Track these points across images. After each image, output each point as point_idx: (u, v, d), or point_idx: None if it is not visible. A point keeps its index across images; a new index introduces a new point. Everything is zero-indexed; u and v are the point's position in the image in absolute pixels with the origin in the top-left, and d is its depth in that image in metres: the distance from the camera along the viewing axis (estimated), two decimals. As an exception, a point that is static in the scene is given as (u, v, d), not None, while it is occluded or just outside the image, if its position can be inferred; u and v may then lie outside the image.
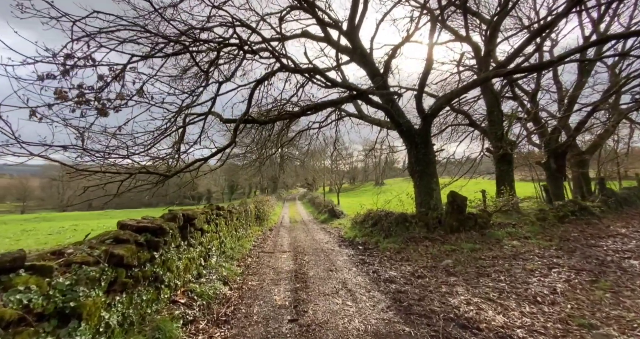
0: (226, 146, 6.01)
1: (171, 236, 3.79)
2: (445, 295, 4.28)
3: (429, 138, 8.20)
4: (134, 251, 2.80)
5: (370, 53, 8.06)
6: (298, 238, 10.46)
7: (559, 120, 11.43)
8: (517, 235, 6.73)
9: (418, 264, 6.01)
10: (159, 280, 3.29)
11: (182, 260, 4.12)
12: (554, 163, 12.57)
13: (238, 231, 8.60)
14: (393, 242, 7.67)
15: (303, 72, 6.00)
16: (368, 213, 10.36)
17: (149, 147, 4.76)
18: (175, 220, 4.10)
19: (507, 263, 5.39)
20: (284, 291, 4.75)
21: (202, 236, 5.15)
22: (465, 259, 5.87)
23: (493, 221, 7.62)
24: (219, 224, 6.51)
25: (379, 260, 6.67)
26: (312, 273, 5.81)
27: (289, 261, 6.84)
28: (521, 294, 4.10)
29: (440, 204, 8.22)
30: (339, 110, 11.79)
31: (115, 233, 2.88)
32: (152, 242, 3.23)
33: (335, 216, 16.23)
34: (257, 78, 6.07)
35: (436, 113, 8.00)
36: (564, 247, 5.92)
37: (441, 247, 6.73)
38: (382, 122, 10.85)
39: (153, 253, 3.21)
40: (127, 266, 2.70)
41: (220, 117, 6.22)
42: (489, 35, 10.36)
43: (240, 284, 5.07)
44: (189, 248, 4.46)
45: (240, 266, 6.35)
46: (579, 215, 7.82)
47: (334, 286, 4.91)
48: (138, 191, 6.20)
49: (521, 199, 11.02)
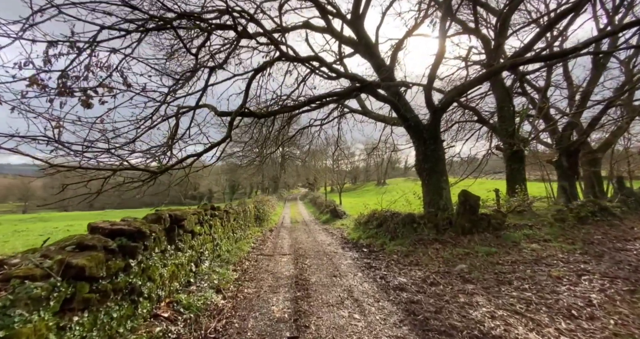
0: (221, 141, 5.53)
1: (154, 240, 3.32)
2: (465, 306, 3.79)
3: (439, 134, 7.71)
4: (101, 260, 2.33)
5: (375, 43, 7.58)
6: (299, 239, 9.98)
7: (573, 115, 10.90)
8: (536, 238, 6.22)
9: (429, 269, 5.52)
10: (136, 291, 2.82)
11: (168, 266, 3.65)
12: (566, 161, 12.03)
13: (236, 233, 8.13)
14: (400, 244, 7.19)
15: (304, 60, 5.53)
16: (372, 213, 9.88)
17: (133, 139, 4.28)
18: (160, 222, 3.63)
19: (529, 268, 4.89)
20: (283, 301, 4.27)
21: (193, 239, 4.68)
22: (481, 264, 5.38)
23: (508, 222, 7.12)
24: (214, 225, 6.04)
25: (385, 264, 6.20)
26: (315, 279, 5.33)
27: (290, 266, 6.37)
28: (552, 306, 3.61)
29: (450, 204, 7.73)
30: (342, 106, 11.32)
31: (79, 238, 2.42)
32: (127, 248, 2.76)
33: (338, 216, 15.75)
34: (255, 67, 5.59)
35: (446, 107, 7.51)
36: (590, 251, 5.42)
37: (453, 250, 6.24)
38: (387, 118, 10.36)
39: (129, 261, 2.74)
40: (91, 279, 2.24)
41: (215, 109, 5.76)
42: (499, 26, 9.86)
43: (235, 292, 4.59)
44: (177, 252, 3.99)
45: (236, 270, 5.88)
46: (600, 216, 7.31)
47: (338, 295, 4.42)
48: (126, 189, 5.75)
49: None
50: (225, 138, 5.59)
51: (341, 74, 5.98)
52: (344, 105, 11.36)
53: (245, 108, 5.87)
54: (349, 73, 6.57)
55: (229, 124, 5.51)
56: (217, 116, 5.99)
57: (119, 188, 5.49)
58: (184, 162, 5.64)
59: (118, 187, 5.27)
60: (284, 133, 11.64)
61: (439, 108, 7.14)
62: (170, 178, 6.57)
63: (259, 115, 5.95)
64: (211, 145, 5.49)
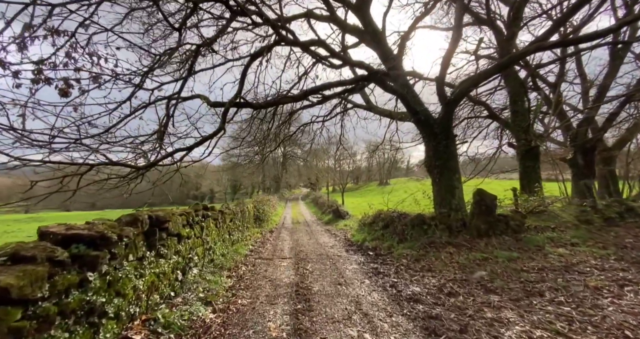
0: (213, 133, 5.00)
1: (126, 246, 2.78)
2: (494, 324, 3.23)
3: (451, 128, 7.13)
4: (41, 276, 1.80)
5: (382, 31, 7.03)
6: (300, 241, 9.44)
7: (589, 110, 10.29)
8: (562, 241, 5.64)
9: (444, 276, 4.97)
10: (97, 311, 2.28)
11: (146, 277, 3.11)
12: (582, 159, 11.41)
13: (232, 235, 7.59)
14: (409, 248, 6.64)
15: (305, 44, 4.98)
16: (378, 213, 9.32)
17: (107, 128, 3.74)
18: (137, 224, 3.09)
19: (560, 277, 4.32)
20: (282, 315, 3.72)
21: (180, 243, 4.14)
22: (502, 271, 4.81)
23: (527, 224, 6.54)
24: (207, 227, 5.51)
25: (395, 270, 5.65)
26: (317, 287, 4.78)
27: (290, 271, 5.82)
28: (599, 325, 3.04)
29: (463, 204, 7.16)
30: (345, 100, 10.77)
31: (16, 246, 1.89)
32: (85, 258, 2.23)
33: (340, 217, 15.20)
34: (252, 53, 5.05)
35: (459, 99, 6.94)
36: (626, 257, 4.84)
37: (469, 255, 5.67)
38: (394, 113, 9.80)
39: (87, 274, 2.21)
40: (24, 302, 1.71)
41: (207, 100, 5.23)
42: (512, 16, 9.29)
43: (227, 304, 4.05)
44: (159, 259, 3.46)
45: (231, 277, 5.34)
46: (627, 217, 6.72)
47: (345, 308, 3.87)
48: (110, 187, 5.23)
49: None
50: (218, 131, 5.06)
51: (347, 61, 5.43)
52: (347, 100, 10.82)
53: (241, 98, 5.32)
54: (354, 60, 6.01)
55: (222, 115, 4.99)
56: (211, 107, 5.45)
57: (103, 186, 4.98)
58: (173, 156, 5.12)
59: (97, 184, 4.73)
60: (285, 128, 11.11)
61: (451, 100, 6.56)
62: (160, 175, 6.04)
63: (256, 106, 5.41)
64: (202, 138, 4.96)
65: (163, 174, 5.17)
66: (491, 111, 10.62)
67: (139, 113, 4.30)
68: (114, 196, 6.28)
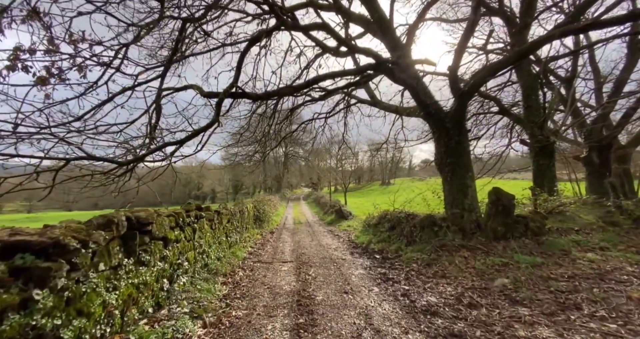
0: (207, 126, 4.54)
1: (94, 253, 2.33)
2: (530, 345, 2.75)
3: (464, 123, 6.65)
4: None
5: (390, 18, 6.55)
6: (302, 243, 8.97)
7: (606, 105, 9.77)
8: (589, 245, 5.14)
9: (461, 283, 4.49)
10: (47, 338, 1.82)
11: (122, 288, 2.66)
12: (597, 157, 10.88)
13: (230, 237, 7.13)
14: (419, 251, 6.16)
15: (307, 28, 4.52)
16: (384, 214, 8.84)
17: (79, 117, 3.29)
18: (111, 227, 2.63)
19: (596, 287, 3.82)
20: (281, 331, 3.25)
21: (167, 247, 3.69)
22: (527, 278, 4.31)
23: (548, 226, 6.05)
24: (200, 229, 5.05)
25: (405, 275, 5.18)
26: (321, 296, 4.31)
27: (291, 277, 5.36)
28: (658, 348, 2.56)
29: (477, 204, 6.67)
30: (349, 96, 10.29)
31: None
32: (34, 270, 1.78)
33: (343, 217, 14.71)
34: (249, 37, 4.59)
35: (474, 91, 6.44)
36: (666, 263, 4.34)
37: (486, 259, 5.18)
38: (400, 108, 9.31)
39: (31, 293, 1.75)
40: None
41: (201, 90, 4.78)
42: (526, 5, 8.81)
43: (219, 317, 3.58)
44: (139, 267, 3.00)
45: (226, 284, 4.89)
46: (655, 218, 6.21)
47: (353, 322, 3.40)
48: (96, 185, 4.78)
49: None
50: (212, 123, 4.60)
51: (353, 48, 4.96)
52: (351, 95, 10.34)
53: (238, 87, 4.86)
54: (361, 47, 5.55)
55: (216, 106, 4.53)
56: (204, 98, 4.99)
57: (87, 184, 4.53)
58: (164, 151, 4.67)
59: (80, 181, 4.29)
60: (286, 126, 10.65)
61: (465, 91, 6.07)
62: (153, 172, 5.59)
63: (254, 96, 4.95)
64: (194, 131, 4.50)
65: (151, 170, 4.71)
66: (502, 106, 10.13)
67: (121, 102, 3.84)
68: (102, 195, 5.84)
